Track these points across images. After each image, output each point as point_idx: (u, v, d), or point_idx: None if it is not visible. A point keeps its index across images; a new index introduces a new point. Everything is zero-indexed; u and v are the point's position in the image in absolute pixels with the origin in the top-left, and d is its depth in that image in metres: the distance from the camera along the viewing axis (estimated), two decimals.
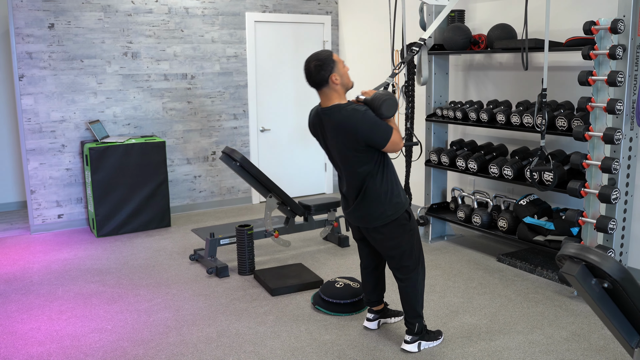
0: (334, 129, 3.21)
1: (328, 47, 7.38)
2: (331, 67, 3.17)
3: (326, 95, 3.23)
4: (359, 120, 3.11)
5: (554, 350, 3.46)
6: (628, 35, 3.81)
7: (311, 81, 3.22)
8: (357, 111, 3.13)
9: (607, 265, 2.14)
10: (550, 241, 4.44)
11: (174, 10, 6.39)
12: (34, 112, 5.84)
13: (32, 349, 3.55)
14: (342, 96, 3.26)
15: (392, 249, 3.40)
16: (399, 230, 3.35)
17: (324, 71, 3.16)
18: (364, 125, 3.11)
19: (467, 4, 5.57)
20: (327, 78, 3.17)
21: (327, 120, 3.23)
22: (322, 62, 3.16)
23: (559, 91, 4.85)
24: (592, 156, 4.00)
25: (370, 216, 3.33)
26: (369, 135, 3.13)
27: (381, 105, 3.15)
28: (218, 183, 6.95)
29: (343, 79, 3.22)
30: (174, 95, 6.52)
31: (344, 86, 3.24)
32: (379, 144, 3.16)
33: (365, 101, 3.24)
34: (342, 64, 3.23)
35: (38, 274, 4.84)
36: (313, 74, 3.18)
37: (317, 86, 3.22)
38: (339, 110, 3.18)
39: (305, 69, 3.22)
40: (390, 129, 3.18)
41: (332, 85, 3.19)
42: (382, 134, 3.15)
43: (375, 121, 3.14)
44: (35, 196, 5.96)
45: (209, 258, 4.88)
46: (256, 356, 3.45)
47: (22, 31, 5.68)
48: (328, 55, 3.20)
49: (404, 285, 3.44)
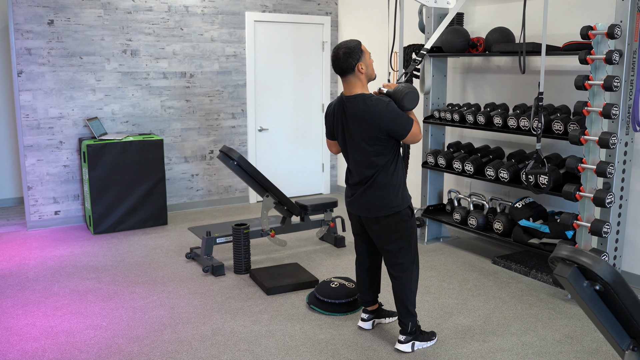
0: (357, 117, 3.28)
1: (327, 47, 7.40)
2: (359, 55, 3.26)
3: (350, 82, 3.31)
4: (383, 110, 3.21)
5: (547, 352, 3.48)
6: (625, 40, 3.84)
7: (337, 67, 3.29)
8: (381, 101, 3.23)
9: (599, 268, 2.15)
10: (545, 244, 4.46)
11: (174, 8, 6.40)
12: (32, 108, 5.84)
13: (27, 345, 3.56)
14: (365, 86, 3.35)
15: (391, 243, 3.43)
16: (400, 225, 3.40)
17: (351, 59, 3.24)
18: (387, 115, 3.21)
19: (466, 7, 5.59)
20: (354, 66, 3.26)
21: (351, 108, 3.30)
22: (351, 50, 3.25)
23: (556, 95, 4.88)
24: (588, 160, 4.02)
25: (375, 205, 3.37)
26: (392, 125, 3.23)
27: (404, 97, 3.25)
28: (215, 182, 6.97)
29: (368, 70, 3.32)
30: (172, 93, 6.53)
31: (368, 76, 3.34)
32: (401, 134, 3.27)
33: (388, 93, 3.33)
34: (369, 55, 3.33)
35: (34, 270, 4.85)
36: (341, 60, 3.26)
37: (343, 73, 3.29)
38: (363, 99, 3.27)
39: (332, 56, 3.30)
40: (412, 121, 3.29)
41: (358, 73, 3.28)
42: (404, 125, 3.25)
43: (398, 112, 3.24)
44: (32, 192, 5.97)
45: (205, 256, 4.89)
46: (251, 355, 3.46)
47: (22, 27, 5.68)
48: (357, 44, 3.28)
49: (398, 282, 3.47)
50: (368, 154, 3.32)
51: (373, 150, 3.30)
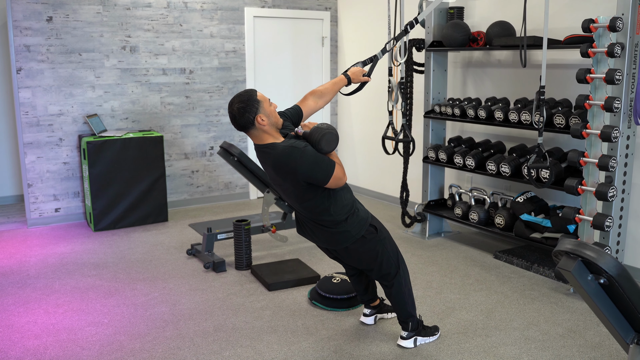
0: (274, 168, 3.03)
1: (327, 43, 7.38)
2: (256, 107, 2.96)
3: (256, 137, 3.05)
4: (298, 159, 2.94)
5: (549, 346, 3.47)
6: (626, 33, 3.82)
7: (237, 125, 3.01)
8: (295, 149, 2.95)
9: (604, 261, 2.15)
10: (547, 238, 4.45)
11: (173, 4, 6.37)
12: (32, 106, 5.83)
13: (28, 342, 3.55)
14: (274, 134, 3.06)
15: (369, 263, 3.34)
16: (369, 244, 3.26)
17: (248, 113, 2.95)
18: (303, 164, 2.94)
19: (467, 1, 5.57)
20: (253, 120, 2.97)
21: (267, 159, 3.05)
22: (246, 104, 2.96)
23: (557, 89, 4.86)
24: (590, 154, 4.01)
25: (334, 240, 3.24)
26: (310, 174, 2.97)
27: (320, 139, 2.99)
28: (216, 178, 6.95)
29: (270, 119, 3.01)
30: (172, 89, 6.51)
31: (273, 125, 3.04)
32: (321, 181, 3.01)
33: (305, 135, 3.08)
34: (267, 103, 3.02)
35: (35, 267, 4.84)
36: (237, 117, 2.97)
37: (244, 129, 3.02)
38: (275, 148, 3.00)
39: (229, 113, 3.00)
40: (333, 165, 3.02)
41: (259, 126, 2.99)
42: (324, 172, 2.99)
43: (316, 158, 2.97)
44: (32, 190, 5.95)
45: (206, 253, 4.89)
46: (253, 350, 3.45)
47: (20, 24, 5.66)
48: (250, 95, 2.99)
49: (390, 290, 3.42)
50: (298, 203, 3.13)
51: (300, 198, 3.10)
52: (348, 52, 7.32)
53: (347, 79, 3.51)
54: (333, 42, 7.46)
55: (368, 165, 7.20)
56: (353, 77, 3.54)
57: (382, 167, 6.92)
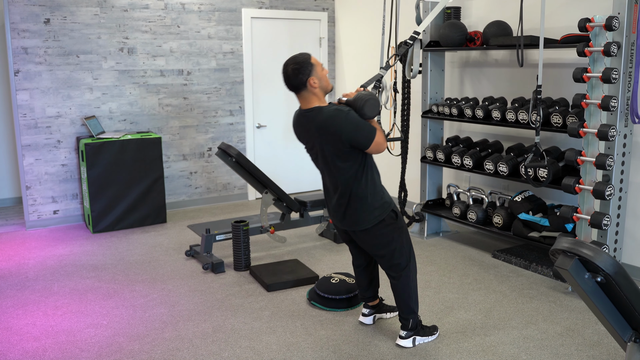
0: (318, 130, 3.15)
1: (324, 43, 7.39)
2: (309, 70, 3.11)
3: (305, 98, 3.19)
4: (343, 120, 3.06)
5: (548, 345, 3.48)
6: (623, 32, 3.83)
7: (289, 85, 3.16)
8: (340, 111, 3.08)
9: (600, 259, 2.15)
10: (545, 237, 4.46)
11: (170, 6, 6.38)
12: (30, 108, 5.83)
13: (27, 345, 3.55)
14: (322, 99, 3.20)
15: (382, 249, 3.38)
16: (387, 229, 3.33)
17: (302, 74, 3.10)
18: (348, 125, 3.06)
19: (463, 1, 5.58)
20: (305, 81, 3.11)
21: (311, 121, 3.17)
22: (300, 66, 3.10)
23: (554, 88, 4.87)
24: (587, 153, 4.02)
25: (358, 219, 3.29)
26: (353, 136, 3.08)
27: (364, 105, 3.11)
28: (214, 179, 6.96)
29: (322, 82, 3.16)
30: (170, 91, 6.51)
31: (323, 89, 3.18)
32: (363, 144, 3.12)
33: (348, 102, 3.19)
34: (320, 67, 3.17)
35: (33, 269, 4.84)
36: (291, 77, 3.13)
37: (296, 90, 3.17)
38: (321, 111, 3.13)
39: (283, 73, 3.16)
40: (374, 130, 3.13)
41: (311, 88, 3.14)
42: (366, 135, 3.10)
43: (359, 122, 3.09)
44: (30, 192, 5.95)
45: (204, 254, 4.89)
46: (252, 351, 3.46)
47: (18, 26, 5.66)
48: (306, 58, 3.14)
49: (397, 282, 3.44)
50: (337, 168, 3.21)
51: (340, 164, 3.18)
52: (346, 52, 7.33)
53: None
54: (331, 42, 7.46)
55: None
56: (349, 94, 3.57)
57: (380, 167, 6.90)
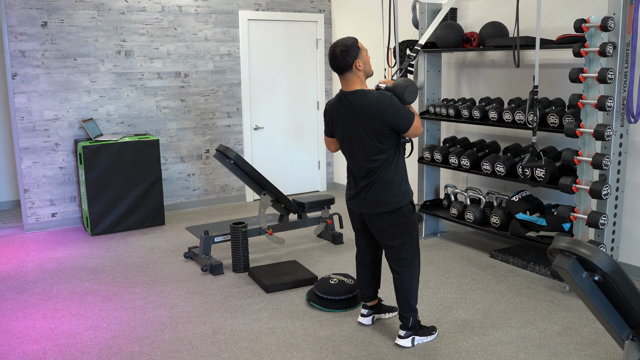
0: (359, 112, 3.28)
1: (321, 45, 7.40)
2: (356, 53, 3.27)
3: (348, 80, 3.32)
4: (386, 104, 3.22)
5: (546, 344, 3.50)
6: (618, 32, 3.85)
7: (335, 65, 3.30)
8: (384, 95, 3.25)
9: (598, 258, 2.17)
10: (542, 237, 4.48)
11: (167, 8, 6.39)
12: (27, 111, 5.83)
13: (27, 347, 3.56)
14: (364, 82, 3.36)
15: (393, 239, 3.44)
16: (403, 220, 3.41)
17: (349, 56, 3.25)
18: (390, 109, 3.22)
19: (460, 2, 5.60)
20: (352, 63, 3.27)
21: (352, 103, 3.31)
22: (348, 48, 3.25)
23: (551, 88, 4.89)
24: (583, 152, 4.04)
25: (378, 202, 3.38)
26: (395, 119, 3.24)
27: (404, 90, 3.26)
28: (212, 181, 6.96)
29: (366, 66, 3.33)
30: (167, 93, 6.52)
31: (366, 73, 3.35)
32: (403, 127, 3.28)
33: (388, 88, 3.33)
34: (366, 52, 3.34)
35: (32, 272, 4.84)
36: (339, 58, 3.26)
37: (341, 71, 3.30)
38: (364, 94, 3.28)
39: (330, 54, 3.31)
40: (413, 114, 3.31)
41: (355, 70, 3.29)
42: (407, 118, 3.27)
43: (400, 106, 3.26)
44: (28, 195, 5.95)
45: (203, 256, 4.90)
46: (251, 352, 3.47)
47: (15, 29, 5.67)
48: (354, 41, 3.29)
49: (400, 277, 3.47)
50: (370, 150, 3.32)
51: (375, 146, 3.31)
52: None
53: None
54: (327, 44, 7.48)
55: None
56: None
57: None
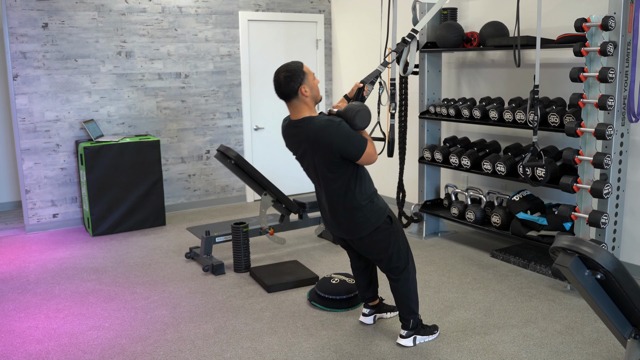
0: (308, 140, 3.13)
1: (321, 45, 7.41)
2: (301, 78, 3.09)
3: (295, 107, 3.16)
4: (334, 131, 3.05)
5: (548, 343, 3.51)
6: (619, 32, 3.86)
7: (280, 92, 3.14)
8: (332, 122, 3.08)
9: (600, 256, 2.18)
10: (543, 236, 4.48)
11: (168, 9, 6.40)
12: (28, 112, 5.83)
13: (30, 347, 3.56)
14: (312, 109, 3.19)
15: (380, 254, 3.40)
16: (383, 235, 3.33)
17: (293, 82, 3.08)
18: (339, 136, 3.05)
19: (460, 2, 5.61)
20: (297, 90, 3.09)
21: (301, 132, 3.16)
22: (292, 73, 3.08)
23: (551, 88, 4.90)
24: (584, 152, 4.04)
25: (354, 228, 3.30)
26: (345, 147, 3.07)
27: (355, 116, 3.10)
28: (212, 181, 6.97)
29: (313, 92, 3.15)
30: (168, 94, 6.53)
31: (314, 99, 3.18)
32: (354, 155, 3.11)
33: (339, 113, 3.18)
34: (312, 76, 3.17)
35: (34, 273, 4.85)
36: (282, 85, 3.10)
37: (286, 98, 3.14)
38: (312, 121, 3.12)
39: (274, 80, 3.14)
40: (365, 141, 3.13)
41: (302, 97, 3.12)
42: (358, 146, 3.10)
43: (350, 132, 3.09)
44: (30, 196, 5.96)
45: (204, 256, 4.90)
46: (253, 352, 3.48)
47: (16, 31, 5.67)
48: (298, 66, 3.12)
49: (396, 284, 3.46)
50: (329, 179, 3.20)
51: (331, 174, 3.17)
52: (342, 54, 7.35)
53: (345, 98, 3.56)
54: (327, 44, 7.49)
55: None
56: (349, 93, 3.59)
57: (378, 168, 6.93)
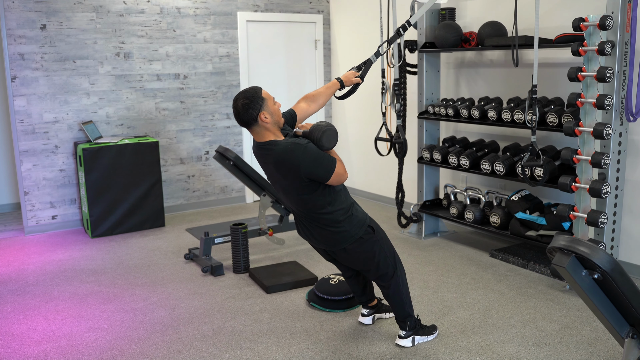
0: (275, 165, 3.08)
1: (320, 46, 7.41)
2: (260, 104, 3.02)
3: (257, 133, 3.11)
4: (301, 154, 2.99)
5: (546, 343, 3.51)
6: (617, 31, 3.86)
7: (240, 120, 3.07)
8: (298, 145, 3.02)
9: (597, 256, 2.18)
10: (542, 236, 4.48)
11: (166, 10, 6.39)
12: (27, 114, 5.83)
13: (29, 349, 3.56)
14: (276, 132, 3.12)
15: (366, 264, 3.38)
16: (366, 245, 3.30)
17: (252, 109, 3.01)
18: (306, 159, 3.00)
19: (458, 2, 5.61)
20: (256, 116, 3.03)
21: (267, 155, 3.10)
22: (250, 100, 3.02)
23: (549, 87, 4.90)
24: (583, 151, 4.04)
25: (334, 240, 3.26)
26: (313, 170, 3.02)
27: (321, 136, 3.07)
28: (212, 182, 6.97)
29: (273, 117, 3.07)
30: (166, 95, 6.53)
31: (275, 124, 3.10)
32: (323, 177, 3.07)
33: (304, 134, 3.15)
34: (272, 101, 3.09)
35: (33, 274, 4.85)
36: (241, 112, 3.04)
37: (247, 125, 3.08)
38: (278, 145, 3.06)
39: (233, 108, 3.08)
40: (334, 161, 3.09)
41: (262, 123, 3.05)
42: (326, 168, 3.05)
43: (318, 154, 3.03)
44: (29, 197, 5.96)
45: (203, 257, 4.90)
46: (252, 353, 3.47)
47: (14, 32, 5.67)
48: (255, 92, 3.05)
49: (388, 291, 3.45)
50: (299, 201, 3.17)
51: (301, 196, 3.13)
52: (341, 54, 7.35)
53: (339, 83, 3.59)
54: (326, 45, 7.49)
55: (363, 167, 7.23)
56: (345, 80, 3.63)
57: (377, 168, 6.95)
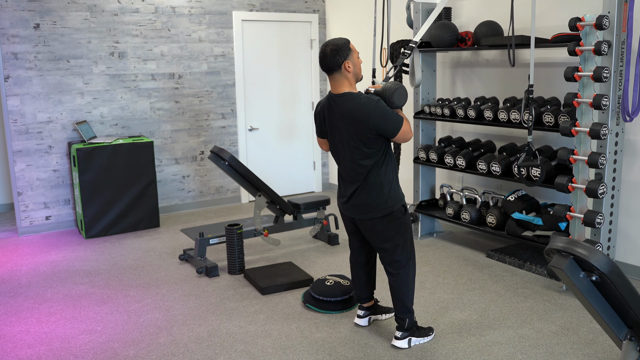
0: (346, 116, 3.24)
1: (316, 45, 7.38)
2: (346, 54, 3.22)
3: (336, 80, 3.28)
4: (372, 108, 3.17)
5: (543, 344, 3.49)
6: (613, 31, 3.85)
7: (324, 65, 3.26)
8: (371, 100, 3.20)
9: (595, 258, 2.16)
10: (538, 236, 4.47)
11: (161, 9, 6.36)
12: (20, 113, 5.79)
13: (21, 352, 3.52)
14: (353, 85, 3.31)
15: (386, 242, 3.41)
16: (395, 223, 3.38)
17: (338, 56, 3.21)
18: (377, 114, 3.17)
19: (454, 2, 5.59)
20: (341, 64, 3.22)
21: (340, 107, 3.27)
22: (339, 48, 3.21)
23: (546, 87, 4.89)
24: (579, 151, 4.03)
25: (369, 206, 3.34)
26: (382, 124, 3.19)
27: (393, 94, 3.22)
28: (207, 183, 6.94)
29: (355, 69, 3.28)
30: (161, 95, 6.49)
31: (355, 76, 3.30)
32: (391, 132, 3.22)
33: (377, 92, 3.29)
34: (357, 55, 3.30)
35: (26, 276, 4.81)
36: (328, 57, 3.23)
37: (329, 70, 3.26)
38: (352, 98, 3.23)
39: (320, 52, 3.27)
40: (402, 119, 3.25)
41: (344, 72, 3.25)
42: (395, 123, 3.21)
43: (388, 110, 3.21)
44: (22, 198, 5.92)
45: (198, 258, 4.87)
46: (247, 355, 3.45)
47: (7, 31, 5.63)
48: (345, 42, 3.25)
49: (395, 279, 3.46)
50: (358, 154, 3.29)
51: (363, 150, 3.27)
52: None
53: None
54: (322, 44, 7.45)
55: None
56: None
57: None
